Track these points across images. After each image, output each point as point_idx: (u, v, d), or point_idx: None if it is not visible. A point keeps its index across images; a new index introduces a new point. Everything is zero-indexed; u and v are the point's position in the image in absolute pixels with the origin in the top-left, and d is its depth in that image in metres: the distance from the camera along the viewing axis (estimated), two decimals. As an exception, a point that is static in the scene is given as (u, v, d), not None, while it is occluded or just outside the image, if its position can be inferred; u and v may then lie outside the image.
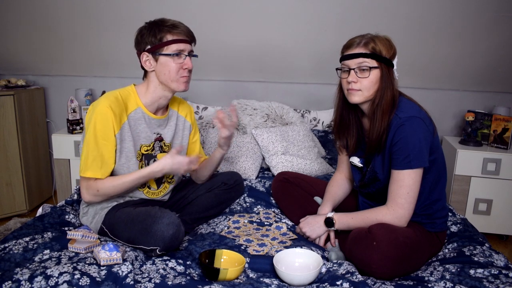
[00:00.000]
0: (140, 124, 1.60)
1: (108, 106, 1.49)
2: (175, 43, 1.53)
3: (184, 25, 1.57)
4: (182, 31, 1.55)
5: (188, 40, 1.56)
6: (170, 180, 1.75)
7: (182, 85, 1.58)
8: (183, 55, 1.55)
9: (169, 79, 1.55)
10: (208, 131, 2.59)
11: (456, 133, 2.97)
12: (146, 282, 1.21)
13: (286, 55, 2.75)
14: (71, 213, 1.71)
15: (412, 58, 2.62)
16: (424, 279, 1.34)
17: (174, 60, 1.53)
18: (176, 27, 1.54)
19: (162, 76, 1.56)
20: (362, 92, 1.46)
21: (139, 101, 1.60)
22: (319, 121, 2.87)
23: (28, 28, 2.66)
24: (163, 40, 1.52)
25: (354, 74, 1.45)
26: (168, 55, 1.53)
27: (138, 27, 1.62)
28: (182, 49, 1.54)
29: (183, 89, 1.59)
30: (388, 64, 1.45)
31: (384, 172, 1.51)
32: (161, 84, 1.58)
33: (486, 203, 2.55)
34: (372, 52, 1.43)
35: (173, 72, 1.54)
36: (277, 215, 1.86)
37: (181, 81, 1.57)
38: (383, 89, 1.45)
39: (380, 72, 1.45)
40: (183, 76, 1.57)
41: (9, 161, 2.71)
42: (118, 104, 1.53)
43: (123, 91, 1.60)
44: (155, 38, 1.53)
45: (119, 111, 1.53)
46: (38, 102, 2.96)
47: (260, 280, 1.31)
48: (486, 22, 2.36)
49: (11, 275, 1.20)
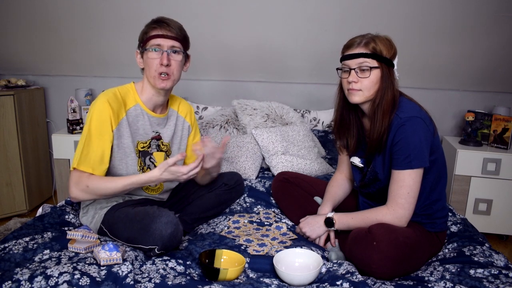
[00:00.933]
0: (138, 121, 1.60)
1: (106, 101, 1.50)
2: (154, 38, 1.52)
3: (171, 21, 1.55)
4: (164, 26, 1.52)
5: (168, 36, 1.52)
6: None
7: (158, 82, 1.54)
8: (161, 51, 1.52)
9: (149, 75, 1.56)
10: (208, 131, 2.59)
11: (456, 133, 2.97)
12: (146, 282, 1.21)
13: (286, 55, 2.75)
14: (71, 213, 1.71)
15: (412, 58, 2.62)
16: (424, 279, 1.34)
17: (152, 55, 1.52)
18: (159, 22, 1.53)
19: (146, 72, 1.57)
20: (362, 92, 1.46)
21: (138, 98, 1.60)
22: (319, 121, 2.87)
23: (28, 28, 2.66)
24: (146, 36, 1.54)
25: (355, 74, 1.45)
26: (148, 51, 1.53)
27: (138, 27, 1.62)
28: (159, 44, 1.52)
29: (160, 87, 1.54)
30: (389, 64, 1.45)
31: (384, 172, 1.51)
32: (148, 81, 1.58)
33: (486, 203, 2.55)
34: (372, 52, 1.43)
35: (152, 68, 1.53)
36: (277, 215, 1.86)
37: (158, 78, 1.54)
38: (384, 89, 1.45)
39: (381, 72, 1.45)
40: (160, 72, 1.53)
41: (9, 161, 2.71)
42: (117, 100, 1.53)
43: (121, 88, 1.60)
44: (143, 34, 1.56)
45: (117, 107, 1.53)
46: (38, 102, 2.96)
47: (260, 280, 1.31)
48: (486, 22, 2.36)
49: (11, 275, 1.20)
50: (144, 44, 1.54)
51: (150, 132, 1.64)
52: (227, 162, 2.32)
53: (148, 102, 1.62)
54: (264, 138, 2.34)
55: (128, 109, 1.57)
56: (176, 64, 1.56)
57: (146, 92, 1.61)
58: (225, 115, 2.71)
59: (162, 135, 1.68)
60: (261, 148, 2.35)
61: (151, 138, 1.65)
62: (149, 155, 1.65)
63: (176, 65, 1.56)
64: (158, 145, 1.68)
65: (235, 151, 2.33)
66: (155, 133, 1.66)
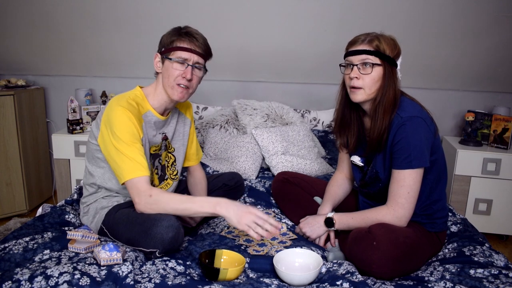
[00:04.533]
0: (150, 127, 1.60)
1: (126, 110, 1.46)
2: (181, 50, 1.51)
3: (201, 37, 1.54)
4: (192, 41, 1.52)
5: (195, 51, 1.52)
6: (174, 177, 1.74)
7: (176, 93, 1.53)
8: (186, 64, 1.52)
9: (167, 84, 1.54)
10: (208, 131, 2.59)
11: (456, 133, 2.97)
12: (146, 282, 1.21)
13: (286, 55, 2.75)
14: (71, 213, 1.71)
15: (412, 58, 2.61)
16: (424, 279, 1.34)
17: (176, 66, 1.51)
18: (189, 35, 1.52)
19: (164, 80, 1.55)
20: (364, 90, 1.46)
21: (148, 105, 1.58)
22: (319, 121, 2.87)
23: (28, 28, 2.66)
24: (172, 45, 1.52)
25: (357, 70, 1.45)
26: (171, 60, 1.52)
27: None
28: (185, 58, 1.51)
29: (178, 98, 1.54)
30: (392, 63, 1.45)
31: (385, 171, 1.51)
32: (163, 88, 1.58)
33: (486, 203, 2.55)
34: (376, 49, 1.43)
35: (172, 77, 1.52)
36: (277, 215, 1.86)
37: (176, 88, 1.53)
38: (385, 88, 1.44)
39: (383, 70, 1.45)
40: (179, 84, 1.52)
41: (9, 161, 2.71)
42: (133, 108, 1.51)
43: (130, 94, 1.56)
44: (168, 41, 1.53)
45: (136, 115, 1.51)
46: (38, 102, 2.96)
47: (260, 280, 1.31)
48: (486, 22, 2.36)
49: (11, 275, 1.20)
50: (168, 52, 1.52)
51: (158, 135, 1.64)
52: (227, 162, 2.32)
53: (159, 107, 1.60)
54: (264, 138, 2.34)
55: (142, 115, 1.56)
56: (197, 79, 1.57)
57: (159, 98, 1.59)
58: (225, 115, 2.71)
59: (167, 134, 1.68)
60: (261, 148, 2.35)
61: (161, 140, 1.65)
62: (159, 156, 1.66)
63: (196, 80, 1.57)
64: (166, 145, 1.69)
65: (235, 151, 2.33)
66: (162, 135, 1.66)
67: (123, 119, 1.45)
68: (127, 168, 1.43)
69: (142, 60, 2.69)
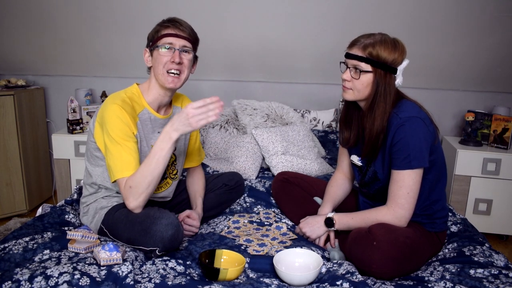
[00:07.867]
0: (147, 125, 1.60)
1: (120, 107, 1.48)
2: (166, 37, 1.52)
3: (184, 22, 1.56)
4: (177, 26, 1.53)
5: (180, 35, 1.53)
6: (174, 176, 1.74)
7: (167, 80, 1.53)
8: (173, 49, 1.53)
9: (158, 72, 1.55)
10: (208, 131, 2.59)
11: (456, 133, 2.97)
12: (146, 282, 1.21)
13: (286, 55, 2.75)
14: (71, 213, 1.71)
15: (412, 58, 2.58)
16: (424, 279, 1.34)
17: (163, 52, 1.52)
18: (172, 21, 1.54)
19: (155, 70, 1.56)
20: (353, 91, 1.49)
21: (144, 102, 1.59)
22: (319, 121, 2.86)
23: (27, 28, 2.66)
24: (158, 34, 1.54)
25: (349, 72, 1.48)
26: (159, 48, 1.53)
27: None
28: (171, 42, 1.52)
29: (170, 86, 1.54)
30: (387, 69, 1.45)
31: (384, 171, 1.51)
32: (156, 80, 1.58)
33: (486, 203, 2.55)
34: (368, 57, 1.43)
35: (161, 64, 1.52)
36: (277, 215, 1.86)
37: (167, 75, 1.53)
38: (376, 93, 1.46)
39: (373, 77, 1.45)
40: (170, 71, 1.52)
41: (9, 161, 2.71)
42: (127, 105, 1.52)
43: (127, 92, 1.58)
44: (153, 33, 1.56)
45: (130, 111, 1.52)
46: (38, 102, 2.96)
47: (260, 280, 1.31)
48: (487, 22, 2.36)
49: (11, 275, 1.20)
50: (155, 42, 1.54)
51: (157, 134, 1.63)
52: (227, 162, 2.32)
53: (154, 102, 1.61)
54: (264, 138, 2.34)
55: (138, 113, 1.57)
56: (187, 63, 1.56)
57: (153, 92, 1.60)
58: (225, 115, 2.71)
59: None
60: (261, 148, 2.35)
61: None
62: None
63: (187, 64, 1.56)
64: None
65: (235, 151, 2.33)
66: None
67: (116, 117, 1.47)
68: (115, 168, 1.46)
69: (142, 60, 2.66)
